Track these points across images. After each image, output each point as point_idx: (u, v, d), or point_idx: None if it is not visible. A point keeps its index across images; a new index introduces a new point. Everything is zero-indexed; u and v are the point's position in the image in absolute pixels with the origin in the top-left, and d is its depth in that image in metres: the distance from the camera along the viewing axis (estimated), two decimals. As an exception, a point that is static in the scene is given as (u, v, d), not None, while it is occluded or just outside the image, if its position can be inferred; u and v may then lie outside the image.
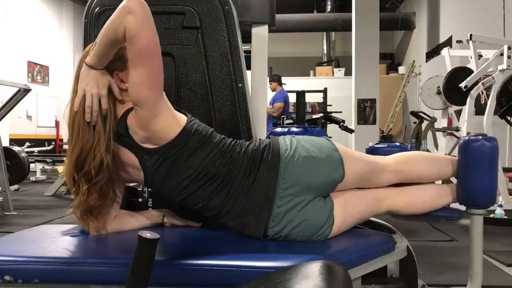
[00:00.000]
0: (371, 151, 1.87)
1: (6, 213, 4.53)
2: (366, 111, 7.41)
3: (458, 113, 6.52)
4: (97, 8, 1.78)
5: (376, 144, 1.89)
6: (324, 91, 8.67)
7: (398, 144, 1.83)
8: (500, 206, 4.11)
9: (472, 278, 1.62)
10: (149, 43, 1.31)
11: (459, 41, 6.25)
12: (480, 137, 1.57)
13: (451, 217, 1.64)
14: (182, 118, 1.45)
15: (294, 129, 1.94)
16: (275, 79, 7.68)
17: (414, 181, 1.60)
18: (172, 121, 1.40)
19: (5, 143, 7.15)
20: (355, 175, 1.48)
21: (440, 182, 2.11)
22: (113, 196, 1.46)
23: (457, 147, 6.48)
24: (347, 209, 1.46)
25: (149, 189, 1.72)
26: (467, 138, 1.59)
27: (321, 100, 8.68)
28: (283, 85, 7.79)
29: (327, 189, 1.44)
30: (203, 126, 1.47)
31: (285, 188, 1.39)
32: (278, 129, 1.98)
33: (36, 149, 8.65)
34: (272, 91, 7.55)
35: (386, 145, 1.83)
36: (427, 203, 1.59)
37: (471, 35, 4.79)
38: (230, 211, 1.41)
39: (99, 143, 1.37)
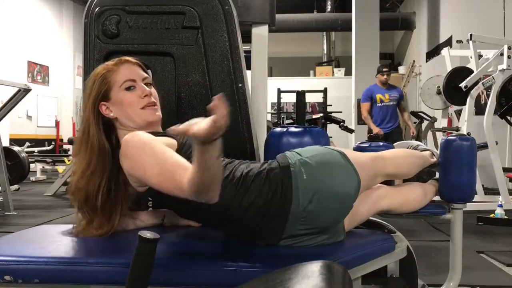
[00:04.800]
0: (358, 150, 1.89)
1: (6, 213, 4.52)
2: (366, 111, 7.38)
3: (458, 113, 6.52)
4: (97, 8, 1.78)
5: (361, 143, 1.94)
6: (324, 91, 8.68)
7: (381, 144, 1.88)
8: (500, 206, 4.10)
9: (453, 267, 1.78)
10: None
11: (459, 41, 6.25)
12: (459, 137, 1.71)
13: (437, 213, 1.76)
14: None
15: (293, 129, 1.94)
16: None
17: (399, 178, 1.72)
18: None
19: (5, 143, 7.14)
20: (368, 182, 1.49)
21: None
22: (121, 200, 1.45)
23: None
24: (352, 214, 1.46)
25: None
26: (447, 138, 1.74)
27: (321, 100, 8.68)
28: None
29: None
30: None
31: (302, 229, 1.34)
32: (278, 129, 1.98)
33: (36, 149, 8.64)
34: (385, 83, 6.13)
35: (367, 145, 1.89)
36: (417, 201, 1.68)
37: (471, 35, 4.79)
38: (240, 234, 1.40)
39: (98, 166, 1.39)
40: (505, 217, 4.05)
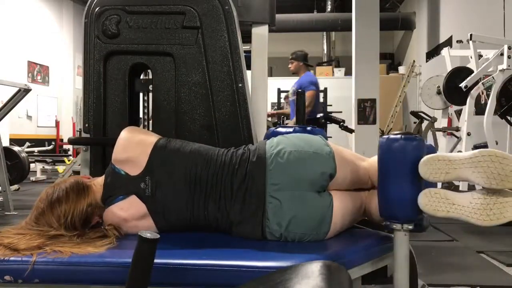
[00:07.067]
0: None
1: (6, 213, 4.52)
2: (366, 111, 7.38)
3: (458, 113, 6.52)
4: (97, 8, 1.78)
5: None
6: (324, 91, 8.68)
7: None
8: (500, 206, 4.09)
9: None
10: None
11: (459, 41, 6.25)
12: (402, 135, 1.31)
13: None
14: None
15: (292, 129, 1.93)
16: (299, 56, 5.21)
17: None
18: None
19: (5, 143, 7.14)
20: (351, 174, 1.48)
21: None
22: None
23: (456, 147, 6.47)
24: (344, 205, 1.45)
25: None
26: (386, 137, 1.33)
27: (321, 100, 8.68)
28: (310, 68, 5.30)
29: (320, 183, 1.42)
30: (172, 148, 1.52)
31: (274, 183, 1.39)
32: (279, 129, 1.97)
33: (36, 149, 8.64)
34: (294, 73, 5.23)
35: None
36: None
37: (471, 35, 4.79)
38: (231, 221, 1.43)
39: None
40: (505, 217, 4.04)
